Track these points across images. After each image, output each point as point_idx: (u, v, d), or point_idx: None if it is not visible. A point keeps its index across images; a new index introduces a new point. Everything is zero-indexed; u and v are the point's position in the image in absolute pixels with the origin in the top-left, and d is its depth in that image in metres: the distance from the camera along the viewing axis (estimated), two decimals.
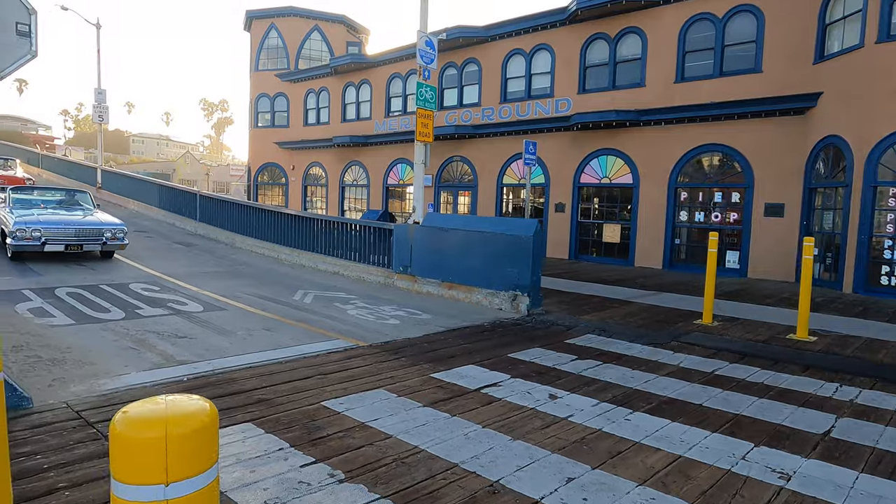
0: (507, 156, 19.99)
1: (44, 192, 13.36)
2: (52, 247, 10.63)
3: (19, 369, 5.26)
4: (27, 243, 10.36)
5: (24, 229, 10.34)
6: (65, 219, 11.32)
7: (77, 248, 11.02)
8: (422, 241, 10.56)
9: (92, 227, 11.24)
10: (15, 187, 12.80)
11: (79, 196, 13.33)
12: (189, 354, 6.03)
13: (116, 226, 11.59)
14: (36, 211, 11.47)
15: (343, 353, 6.37)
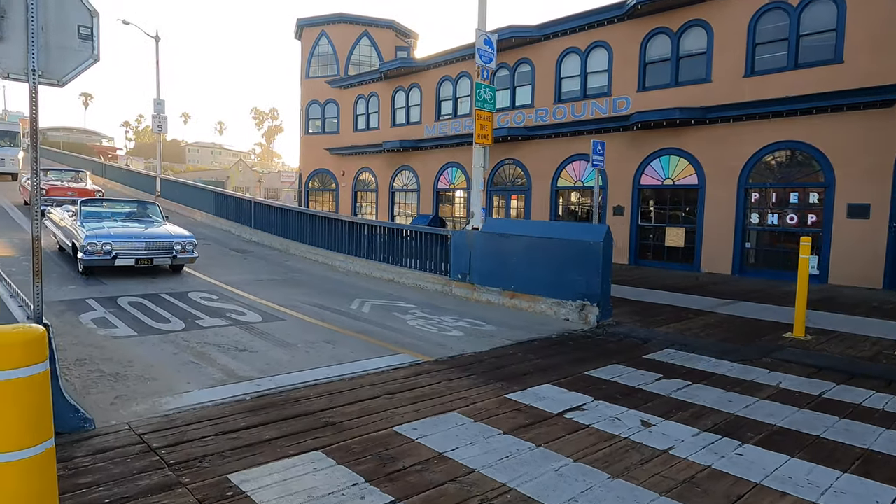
0: (562, 158, 19.37)
1: (113, 205, 13.07)
2: (123, 261, 10.30)
3: (82, 384, 5.12)
4: (98, 258, 10.05)
5: (95, 243, 10.04)
6: (135, 232, 10.95)
7: (147, 262, 10.65)
8: (481, 248, 10.14)
9: (162, 241, 10.86)
10: (85, 200, 12.46)
11: (148, 208, 12.98)
12: (250, 369, 5.79)
13: (186, 238, 11.18)
14: (106, 224, 11.10)
15: (409, 369, 6.01)
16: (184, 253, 10.98)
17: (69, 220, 11.66)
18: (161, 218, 12.56)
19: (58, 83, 3.87)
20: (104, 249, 10.08)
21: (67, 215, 12.04)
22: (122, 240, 10.37)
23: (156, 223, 12.06)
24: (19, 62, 3.69)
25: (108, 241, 10.16)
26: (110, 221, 11.44)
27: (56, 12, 3.80)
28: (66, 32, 3.83)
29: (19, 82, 3.71)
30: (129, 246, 10.40)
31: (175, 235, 11.14)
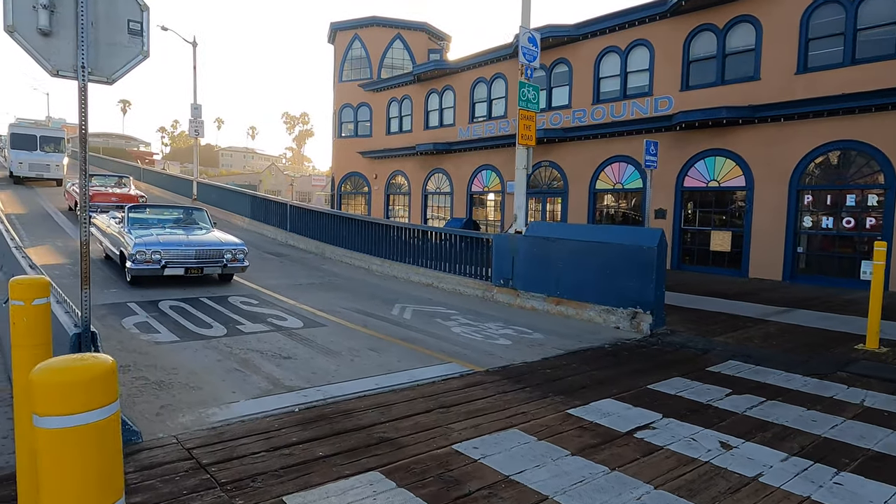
0: (601, 159, 18.89)
1: (161, 211, 12.54)
2: (172, 270, 9.78)
3: (127, 393, 4.97)
4: (147, 267, 9.56)
5: (144, 251, 9.54)
6: (184, 239, 10.44)
7: (197, 271, 10.09)
8: (525, 253, 9.81)
9: (212, 249, 10.29)
10: (132, 206, 11.80)
11: (195, 214, 12.42)
12: (296, 378, 5.58)
13: (237, 246, 10.57)
14: (154, 231, 10.62)
15: (460, 379, 5.72)
16: (234, 262, 10.44)
17: (116, 227, 11.24)
18: (209, 224, 12.07)
19: (107, 80, 3.71)
20: (153, 258, 9.60)
21: (114, 222, 11.57)
22: (171, 248, 9.90)
23: (204, 230, 11.60)
24: (68, 59, 3.54)
25: (158, 250, 9.69)
26: (158, 228, 11.02)
27: (106, 6, 3.64)
28: (115, 27, 3.67)
29: (68, 80, 3.57)
30: (178, 254, 9.91)
31: (225, 243, 10.59)
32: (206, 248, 10.27)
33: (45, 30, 3.40)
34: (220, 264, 10.27)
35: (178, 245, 10.06)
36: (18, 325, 2.42)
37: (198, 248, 10.18)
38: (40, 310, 2.46)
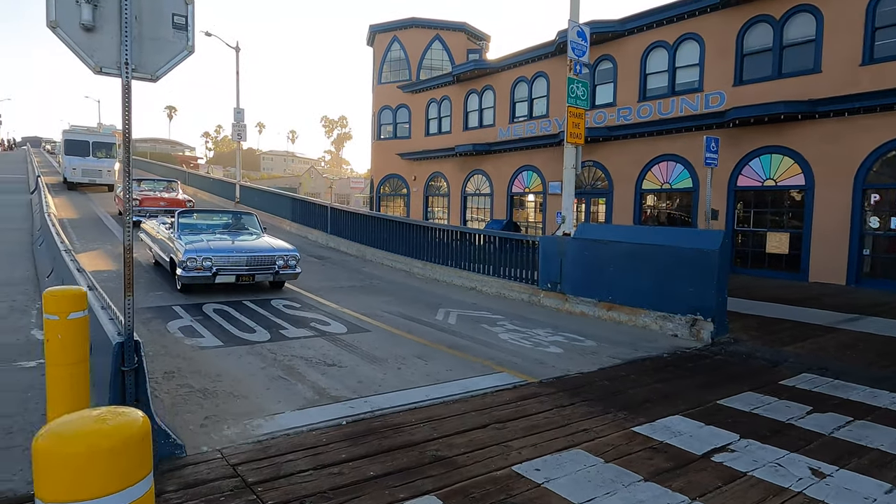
0: (647, 159, 18.24)
1: (210, 216, 12.07)
2: (224, 278, 9.33)
3: (171, 401, 4.82)
4: (198, 274, 9.11)
5: (195, 258, 9.09)
6: (236, 245, 9.95)
7: (248, 278, 9.61)
8: (574, 256, 9.41)
9: (264, 255, 9.81)
10: (182, 211, 11.50)
11: (245, 219, 11.89)
12: (342, 388, 5.36)
13: (289, 252, 10.06)
14: (205, 237, 10.15)
15: (513, 390, 5.40)
16: (286, 269, 9.94)
17: (165, 232, 10.90)
18: (259, 229, 11.59)
19: (151, 77, 3.55)
20: (204, 265, 9.15)
21: (163, 228, 11.24)
22: (222, 255, 9.43)
23: (254, 235, 11.10)
24: (112, 55, 3.38)
25: (209, 256, 9.24)
26: (208, 234, 10.56)
27: (150, 0, 3.47)
28: (159, 22, 3.50)
29: (111, 77, 3.42)
30: (230, 261, 9.45)
31: (277, 249, 10.09)
32: (258, 254, 9.82)
33: (87, 25, 3.25)
34: (271, 271, 9.83)
35: (229, 252, 9.59)
36: (53, 342, 2.24)
37: (249, 254, 9.73)
38: (77, 324, 2.28)
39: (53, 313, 2.30)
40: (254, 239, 10.73)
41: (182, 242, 9.56)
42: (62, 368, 2.27)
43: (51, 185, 24.94)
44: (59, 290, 2.41)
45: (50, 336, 2.29)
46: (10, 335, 6.79)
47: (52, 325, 2.28)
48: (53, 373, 2.29)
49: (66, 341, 2.29)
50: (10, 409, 4.56)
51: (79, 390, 2.53)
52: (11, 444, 3.96)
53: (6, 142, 67.32)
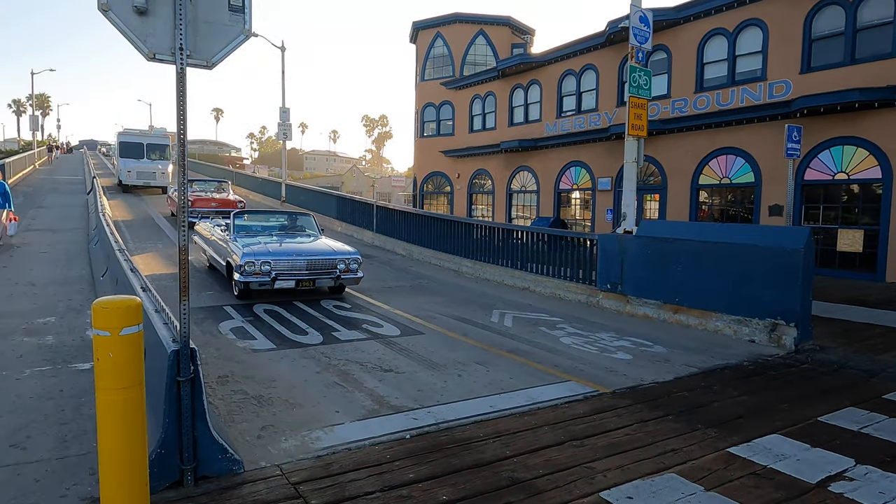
0: (705, 152, 17.39)
1: (266, 217, 11.44)
2: (283, 283, 8.68)
3: (227, 409, 4.60)
4: (256, 279, 8.50)
5: (254, 262, 8.48)
6: (295, 248, 9.31)
7: (309, 283, 8.93)
8: (636, 255, 8.88)
9: (325, 258, 9.10)
10: (237, 212, 10.81)
11: (300, 220, 11.22)
12: (402, 396, 5.04)
13: (350, 255, 9.35)
14: (262, 239, 9.59)
15: (585, 402, 4.98)
16: (347, 273, 9.22)
17: (220, 234, 10.36)
18: (317, 231, 10.91)
19: (206, 64, 3.30)
20: (263, 269, 8.52)
21: (218, 230, 10.70)
22: (281, 258, 8.76)
23: (312, 237, 10.45)
24: (165, 40, 3.14)
25: (268, 260, 8.59)
26: (265, 236, 9.97)
27: None
28: (215, 4, 3.23)
29: (165, 64, 3.17)
30: (289, 265, 8.78)
31: (338, 252, 9.38)
32: (318, 257, 9.09)
33: (140, 7, 3.02)
34: (332, 276, 9.09)
35: (288, 255, 8.90)
36: (103, 362, 1.96)
37: (309, 257, 9.01)
38: (130, 341, 1.99)
39: (104, 328, 2.01)
40: (311, 241, 10.11)
41: (239, 245, 9.03)
42: (114, 394, 1.99)
43: (106, 187, 25.41)
44: (111, 302, 2.12)
45: (100, 355, 2.01)
46: (67, 335, 6.75)
47: (102, 343, 1.99)
48: (104, 399, 2.01)
49: (119, 361, 2.00)
50: (66, 416, 4.42)
51: (133, 419, 2.24)
52: (66, 454, 3.79)
53: (65, 145, 70.22)
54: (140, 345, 2.17)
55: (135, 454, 2.38)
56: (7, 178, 24.32)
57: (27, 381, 5.16)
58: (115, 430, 2.19)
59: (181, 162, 3.21)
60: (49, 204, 21.24)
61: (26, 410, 4.51)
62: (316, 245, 9.74)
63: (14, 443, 3.92)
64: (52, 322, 7.33)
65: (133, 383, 2.07)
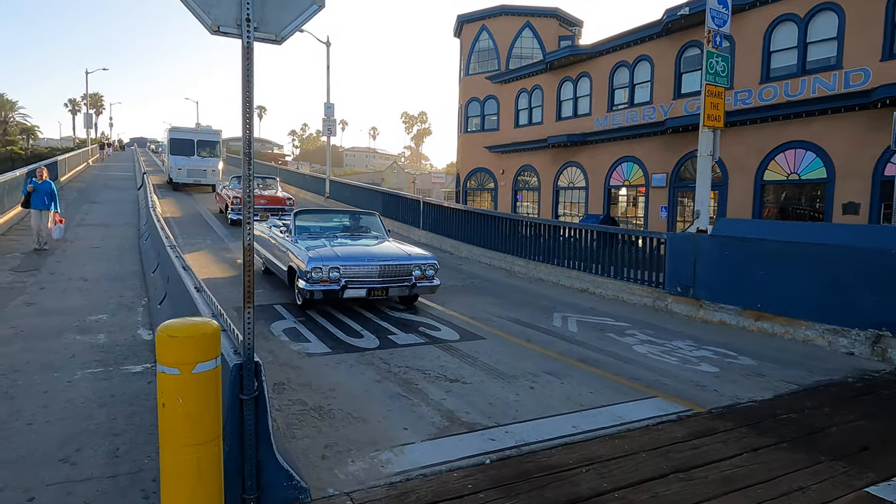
0: (771, 147, 16.35)
1: (328, 217, 10.33)
2: (353, 292, 7.56)
3: (284, 422, 4.23)
4: (323, 287, 7.41)
5: (321, 268, 7.41)
6: (365, 252, 8.22)
7: (381, 292, 7.78)
8: (712, 255, 8.20)
9: (399, 263, 7.95)
10: (299, 211, 9.71)
11: (365, 220, 9.98)
12: (473, 411, 4.58)
13: (426, 260, 8.21)
14: (326, 241, 8.50)
15: (680, 424, 4.43)
16: (423, 280, 8.06)
17: (279, 236, 9.32)
18: (383, 232, 9.72)
19: (275, 38, 2.91)
20: (331, 276, 7.44)
21: (277, 231, 9.67)
22: (352, 263, 7.66)
23: (378, 239, 9.32)
24: (231, 11, 2.76)
25: (337, 266, 7.51)
26: (329, 238, 8.87)
27: None
28: None
29: (230, 37, 2.80)
30: (360, 271, 7.68)
31: (413, 256, 8.23)
32: (392, 262, 7.94)
33: None
34: (407, 283, 7.91)
35: (359, 259, 7.79)
36: (170, 410, 1.49)
37: (382, 262, 7.87)
38: (206, 381, 1.53)
39: (172, 363, 1.52)
40: (378, 243, 8.99)
41: (303, 248, 7.96)
42: (185, 452, 1.52)
43: (156, 185, 25.40)
44: (180, 328, 1.64)
45: (166, 399, 1.53)
46: (119, 334, 6.55)
47: (169, 384, 1.50)
48: (172, 458, 1.54)
49: (193, 409, 1.53)
50: (118, 425, 4.13)
51: (208, 484, 1.78)
52: (117, 472, 3.48)
53: (117, 143, 72.52)
54: (218, 385, 1.73)
55: None
56: (61, 175, 24.93)
57: (79, 385, 4.93)
58: (183, 495, 1.71)
59: (246, 149, 2.82)
60: (102, 200, 21.64)
61: (77, 418, 4.24)
62: (387, 248, 8.61)
63: (64, 456, 3.64)
64: (104, 320, 7.17)
65: (209, 437, 1.62)
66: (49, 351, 5.82)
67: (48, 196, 12.13)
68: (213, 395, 1.66)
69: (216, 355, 1.65)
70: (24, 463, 3.54)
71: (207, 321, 1.74)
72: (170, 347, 1.58)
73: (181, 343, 1.59)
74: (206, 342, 1.62)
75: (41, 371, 5.23)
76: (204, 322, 1.73)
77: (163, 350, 1.61)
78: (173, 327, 1.61)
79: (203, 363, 1.59)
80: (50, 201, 12.11)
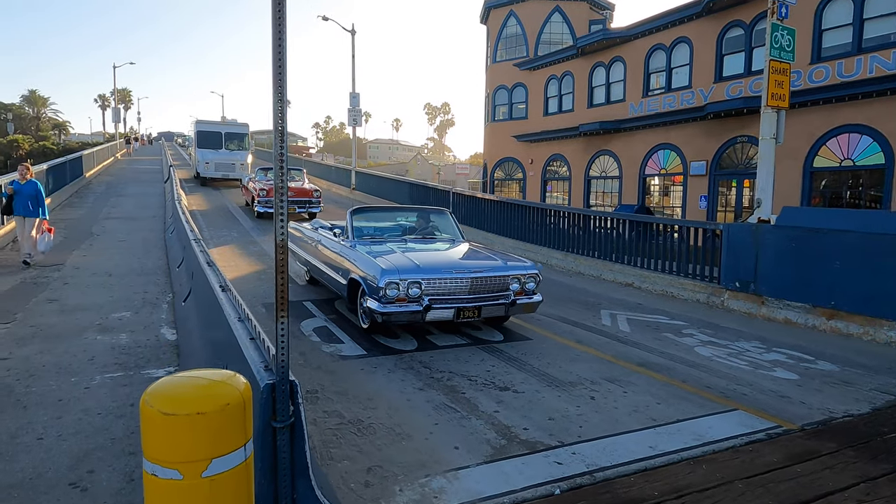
0: (821, 131, 15.40)
1: (391, 216, 8.52)
2: (438, 313, 5.83)
3: (321, 439, 3.76)
4: (401, 309, 5.71)
5: (397, 282, 5.72)
6: (448, 260, 6.59)
7: (473, 313, 5.98)
8: (777, 248, 7.51)
9: (493, 275, 6.18)
10: (356, 210, 7.74)
11: (435, 219, 8.12)
12: (531, 426, 4.05)
13: (526, 270, 6.48)
14: (394, 246, 6.80)
15: (772, 444, 3.83)
16: (522, 296, 6.34)
17: (329, 238, 7.62)
18: (458, 232, 7.90)
19: None
20: (410, 293, 5.77)
21: (326, 233, 7.96)
22: (437, 276, 5.93)
23: (454, 242, 7.56)
24: None
25: (417, 279, 5.80)
26: (396, 242, 7.09)
27: None
28: None
29: None
30: (446, 287, 5.95)
31: (512, 265, 6.47)
32: (485, 274, 6.15)
33: None
34: (505, 301, 6.16)
35: (443, 270, 6.03)
36: None
37: (473, 274, 6.08)
38: (226, 486, 0.93)
39: (167, 463, 0.90)
40: (454, 247, 7.29)
41: (370, 256, 6.24)
42: None
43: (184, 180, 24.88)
44: (179, 395, 0.95)
45: None
46: (142, 334, 6.17)
47: (163, 496, 0.92)
48: None
49: None
50: (135, 441, 3.69)
51: None
52: (132, 500, 3.03)
53: (145, 137, 73.36)
54: (249, 487, 1.12)
55: None
56: (87, 170, 24.71)
57: (96, 392, 4.52)
58: None
59: (278, 124, 2.31)
60: (129, 193, 21.56)
61: (92, 432, 3.83)
62: (475, 255, 6.86)
63: (74, 480, 3.21)
64: (127, 318, 6.81)
65: None
66: (67, 353, 5.46)
67: (33, 200, 9.55)
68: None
69: (244, 440, 1.05)
70: (28, 488, 3.12)
71: (227, 378, 1.08)
72: (164, 434, 0.93)
73: (184, 426, 0.93)
74: (227, 421, 0.98)
75: (58, 376, 4.85)
76: (222, 380, 1.10)
77: (152, 438, 0.96)
78: (170, 394, 0.97)
79: (222, 458, 0.97)
80: (36, 206, 9.56)
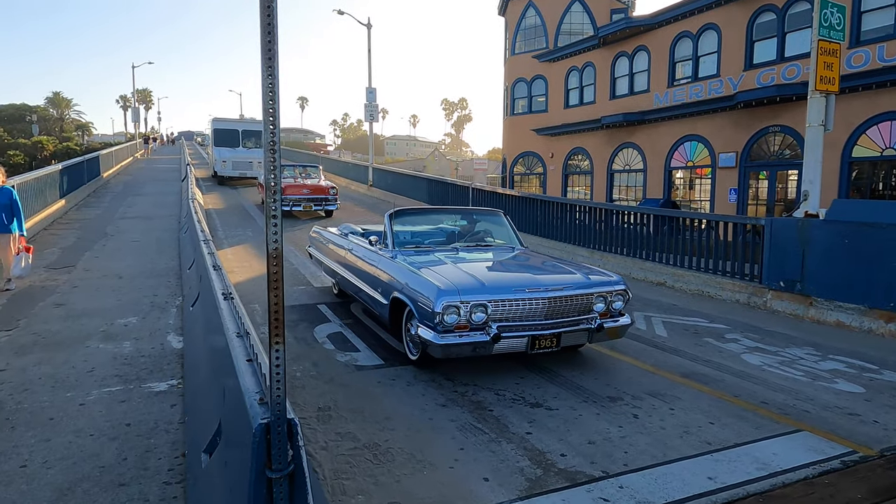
0: (860, 119, 14.59)
1: (434, 218, 7.22)
2: (509, 343, 4.66)
3: (332, 468, 3.33)
4: (461, 340, 4.55)
5: (457, 305, 4.55)
6: (517, 275, 5.38)
7: (550, 342, 4.76)
8: (827, 244, 6.92)
9: (573, 294, 4.95)
10: (396, 212, 6.40)
11: (486, 222, 6.95)
12: (570, 452, 3.58)
13: (611, 285, 5.25)
14: (445, 257, 5.67)
15: (851, 474, 3.32)
16: (607, 317, 5.16)
17: (363, 246, 6.50)
18: (515, 238, 6.63)
19: None
20: (474, 318, 4.59)
21: (358, 240, 6.84)
22: (505, 296, 4.72)
23: (512, 250, 6.35)
24: None
25: (481, 300, 4.62)
26: (447, 251, 5.95)
27: None
28: None
29: None
30: (517, 310, 4.73)
31: (596, 280, 5.26)
32: (565, 293, 4.91)
33: None
34: (587, 326, 4.94)
35: (513, 289, 4.81)
36: None
37: (549, 293, 4.84)
38: None
39: None
40: (517, 257, 6.08)
41: (418, 271, 5.13)
42: None
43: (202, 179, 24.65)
44: None
45: None
46: (146, 342, 5.81)
47: None
48: None
49: None
50: (126, 471, 3.29)
51: None
52: None
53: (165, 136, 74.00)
54: None
55: None
56: (105, 170, 24.61)
57: (91, 409, 4.15)
58: None
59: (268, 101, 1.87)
60: (146, 192, 21.44)
61: (81, 458, 3.44)
62: (548, 268, 5.57)
63: None
64: (133, 324, 6.47)
65: None
66: (67, 363, 5.11)
67: (7, 211, 7.65)
68: None
69: None
70: None
71: None
72: None
73: None
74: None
75: (53, 390, 4.50)
76: None
77: None
78: None
79: None
80: (11, 218, 7.68)
